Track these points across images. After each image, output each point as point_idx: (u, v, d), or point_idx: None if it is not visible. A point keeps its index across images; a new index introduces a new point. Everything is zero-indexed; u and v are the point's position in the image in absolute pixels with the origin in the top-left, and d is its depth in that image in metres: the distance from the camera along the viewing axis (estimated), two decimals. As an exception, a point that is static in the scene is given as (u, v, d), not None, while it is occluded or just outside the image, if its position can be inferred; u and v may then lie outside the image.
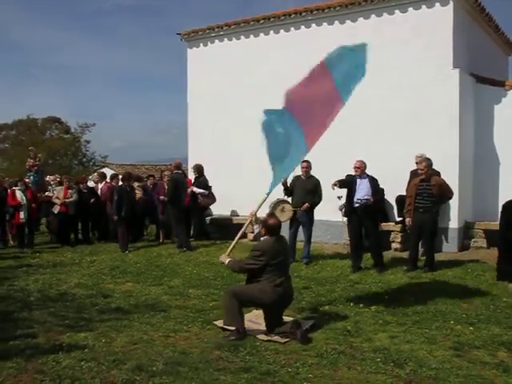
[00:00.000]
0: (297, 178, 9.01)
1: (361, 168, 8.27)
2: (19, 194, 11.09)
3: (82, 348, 4.77)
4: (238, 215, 11.91)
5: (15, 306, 6.36)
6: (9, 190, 11.25)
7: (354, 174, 8.34)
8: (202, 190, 11.33)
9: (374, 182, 8.28)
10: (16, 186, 11.36)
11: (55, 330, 5.32)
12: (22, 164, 33.66)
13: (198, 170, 11.49)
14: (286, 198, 8.86)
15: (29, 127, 43.05)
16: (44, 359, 4.49)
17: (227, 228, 11.12)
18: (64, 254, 10.25)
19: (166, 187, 11.21)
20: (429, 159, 8.42)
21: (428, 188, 8.01)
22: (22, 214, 10.95)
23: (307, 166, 9.00)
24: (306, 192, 8.86)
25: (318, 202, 8.95)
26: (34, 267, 8.96)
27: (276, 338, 5.05)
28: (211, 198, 11.65)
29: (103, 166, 33.66)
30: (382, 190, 8.54)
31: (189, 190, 11.24)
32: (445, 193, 8.12)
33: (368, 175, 8.30)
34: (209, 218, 12.17)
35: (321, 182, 9.08)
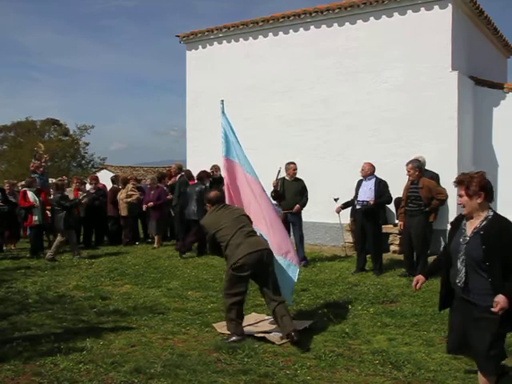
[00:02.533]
0: (282, 180, 9.03)
1: (364, 170, 8.30)
2: (31, 195, 10.45)
3: (80, 350, 4.77)
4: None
5: (13, 308, 6.34)
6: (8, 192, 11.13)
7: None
8: None
9: (379, 184, 8.22)
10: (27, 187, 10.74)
11: (53, 333, 5.30)
12: (21, 166, 33.82)
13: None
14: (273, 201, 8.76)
15: (27, 129, 43.15)
16: (42, 361, 4.48)
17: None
18: (62, 257, 10.23)
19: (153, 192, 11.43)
20: (417, 161, 8.16)
21: (416, 191, 7.84)
22: (35, 216, 10.35)
23: (295, 168, 9.05)
24: (295, 194, 8.97)
25: (306, 203, 9.07)
26: (32, 269, 8.94)
27: (273, 335, 5.05)
28: None
29: (102, 168, 33.69)
30: (389, 194, 8.34)
31: None
32: (434, 195, 7.84)
33: (376, 177, 8.28)
34: None
35: (317, 184, 9.10)
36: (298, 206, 8.90)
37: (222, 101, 6.22)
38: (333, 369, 4.37)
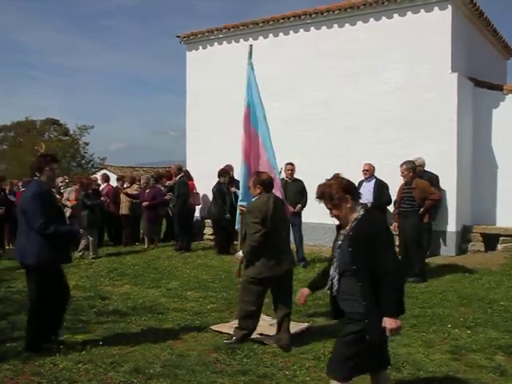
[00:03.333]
0: (284, 182, 9.01)
1: (369, 171, 8.28)
2: None
3: (79, 350, 4.76)
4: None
5: (12, 307, 6.34)
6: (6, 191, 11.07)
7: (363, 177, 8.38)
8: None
9: (379, 186, 8.19)
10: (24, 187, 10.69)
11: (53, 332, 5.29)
12: (21, 166, 33.78)
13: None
14: None
15: (27, 129, 43.13)
16: (41, 361, 4.48)
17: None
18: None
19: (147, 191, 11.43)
20: (411, 162, 8.13)
21: (409, 192, 7.82)
22: None
23: (292, 169, 9.06)
24: (295, 194, 8.98)
25: (306, 204, 9.07)
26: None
27: (269, 339, 5.05)
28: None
29: (102, 168, 33.68)
30: (389, 195, 8.27)
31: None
32: (427, 196, 7.80)
33: (376, 179, 8.26)
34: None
35: (316, 184, 9.10)
36: (299, 205, 8.91)
37: (251, 46, 6.11)
38: (332, 369, 4.36)
